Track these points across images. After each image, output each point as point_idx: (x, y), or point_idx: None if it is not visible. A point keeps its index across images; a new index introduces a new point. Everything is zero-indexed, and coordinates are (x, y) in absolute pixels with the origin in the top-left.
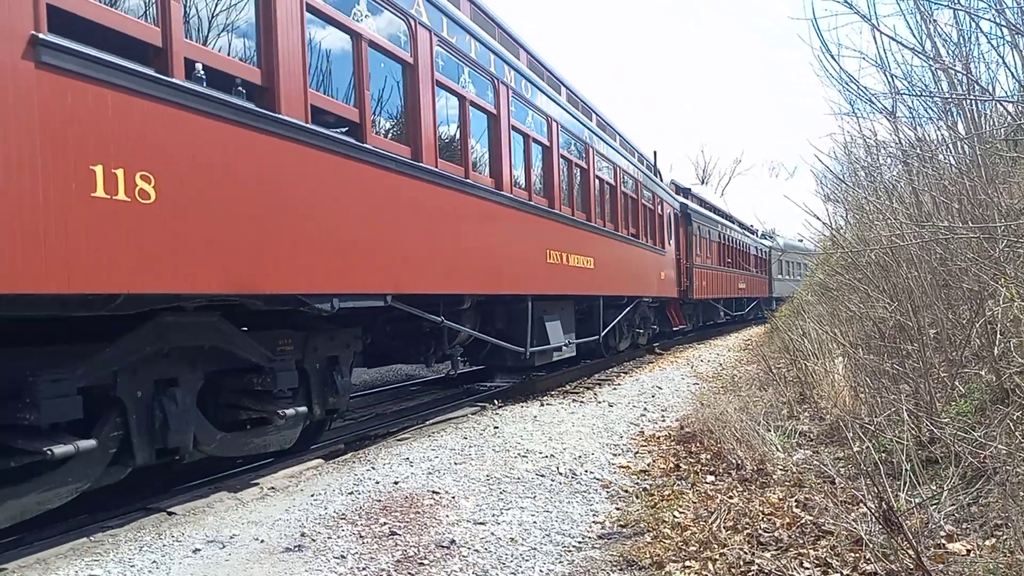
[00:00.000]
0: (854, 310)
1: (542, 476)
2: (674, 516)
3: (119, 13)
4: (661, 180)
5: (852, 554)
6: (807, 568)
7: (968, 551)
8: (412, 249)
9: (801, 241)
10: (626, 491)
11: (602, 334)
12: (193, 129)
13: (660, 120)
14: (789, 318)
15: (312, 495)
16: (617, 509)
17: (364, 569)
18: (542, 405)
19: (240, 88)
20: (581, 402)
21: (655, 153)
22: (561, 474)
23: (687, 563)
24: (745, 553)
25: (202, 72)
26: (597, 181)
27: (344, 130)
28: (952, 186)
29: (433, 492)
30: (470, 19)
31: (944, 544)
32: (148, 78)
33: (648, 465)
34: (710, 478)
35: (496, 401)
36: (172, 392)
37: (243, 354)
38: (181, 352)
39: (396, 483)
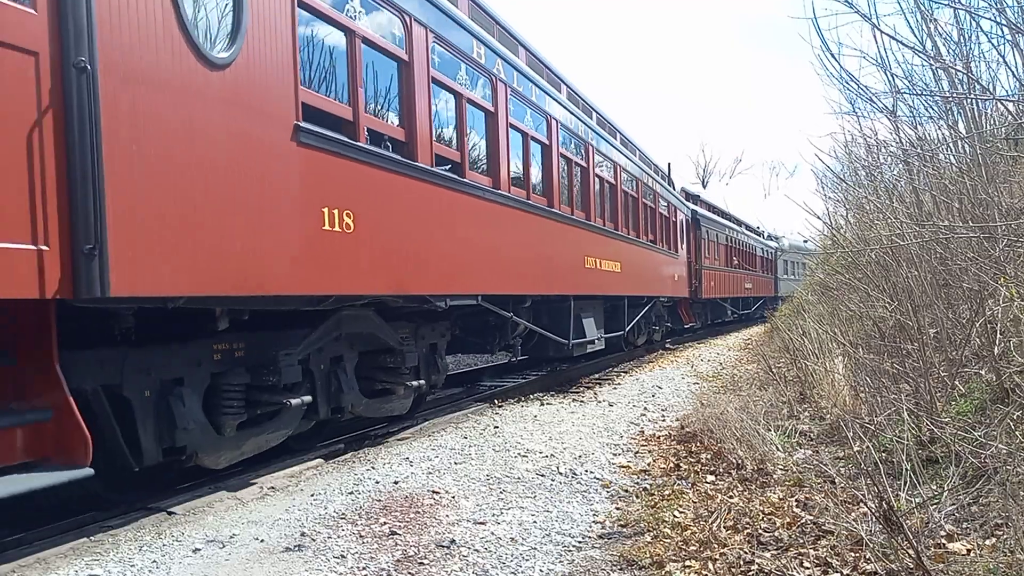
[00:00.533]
0: (854, 309)
1: (542, 476)
2: (674, 516)
3: (334, 101)
4: (674, 188)
5: (852, 554)
6: (807, 568)
7: (968, 551)
8: (494, 258)
9: (806, 242)
10: (626, 491)
11: (626, 330)
12: (370, 177)
13: (660, 119)
14: (789, 318)
15: (312, 495)
16: (617, 509)
17: (364, 569)
18: (542, 405)
19: (387, 143)
20: (581, 402)
21: (668, 165)
22: (561, 474)
23: (687, 563)
24: (745, 553)
25: (366, 134)
26: (623, 194)
27: (448, 168)
28: (952, 185)
29: (433, 492)
30: (527, 65)
31: (944, 544)
32: (349, 145)
33: (648, 465)
34: (710, 478)
35: (496, 401)
36: (343, 366)
37: (384, 339)
38: (347, 336)
39: (396, 483)
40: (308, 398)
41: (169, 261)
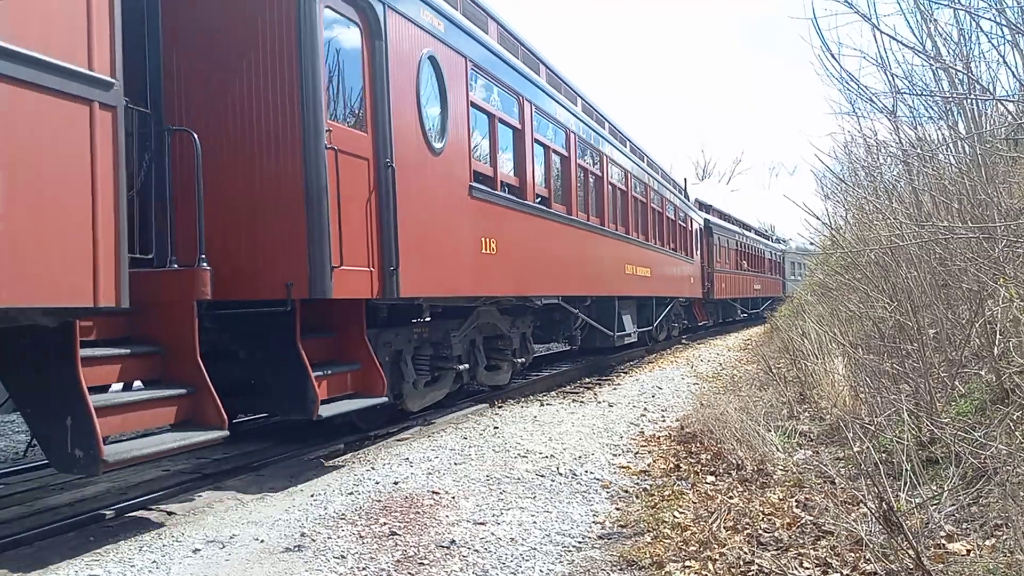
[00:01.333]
0: (854, 310)
1: (542, 476)
2: (674, 516)
3: (485, 164)
4: (688, 199)
5: (852, 554)
6: (807, 568)
7: (968, 551)
8: (568, 268)
9: (812, 244)
10: (626, 491)
11: (655, 325)
12: (504, 214)
13: (660, 119)
14: (789, 318)
15: (312, 495)
16: (617, 509)
17: (364, 569)
18: (542, 405)
19: (505, 187)
20: (581, 402)
21: (685, 180)
22: (561, 474)
23: (687, 563)
24: (745, 553)
25: (500, 184)
26: (651, 209)
27: (539, 200)
28: (952, 186)
29: (433, 492)
30: (583, 112)
31: (944, 544)
32: (494, 194)
33: (648, 465)
34: (710, 478)
35: (496, 401)
36: (477, 346)
37: (500, 326)
38: (479, 325)
39: (396, 483)
40: (467, 366)
41: (419, 275)
